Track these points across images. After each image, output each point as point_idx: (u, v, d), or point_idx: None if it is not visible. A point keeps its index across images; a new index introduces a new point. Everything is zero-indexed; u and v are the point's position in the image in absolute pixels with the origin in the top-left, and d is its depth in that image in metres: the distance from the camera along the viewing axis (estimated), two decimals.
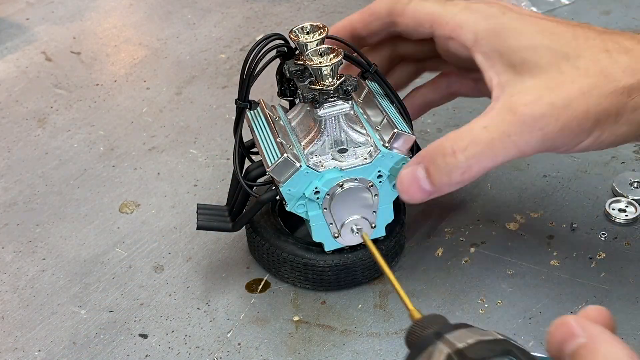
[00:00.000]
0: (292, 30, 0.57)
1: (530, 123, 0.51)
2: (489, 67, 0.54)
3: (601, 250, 0.62)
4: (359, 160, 0.55)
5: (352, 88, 0.55)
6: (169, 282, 0.62)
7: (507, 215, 0.66)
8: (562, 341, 0.36)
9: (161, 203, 0.70)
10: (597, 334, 0.35)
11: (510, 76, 0.53)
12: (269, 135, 0.57)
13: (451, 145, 0.52)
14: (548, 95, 0.51)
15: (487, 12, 0.55)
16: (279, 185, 0.55)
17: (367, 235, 0.56)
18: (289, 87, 0.61)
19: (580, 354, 0.35)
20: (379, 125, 0.57)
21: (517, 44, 0.53)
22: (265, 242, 0.60)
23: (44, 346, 0.58)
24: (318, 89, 0.54)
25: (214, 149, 0.77)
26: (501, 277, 0.61)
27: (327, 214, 0.56)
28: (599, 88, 0.51)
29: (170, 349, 0.57)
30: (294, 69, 0.58)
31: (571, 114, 0.51)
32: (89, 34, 0.97)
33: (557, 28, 0.54)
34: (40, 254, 0.66)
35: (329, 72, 0.54)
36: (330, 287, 0.60)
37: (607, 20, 0.92)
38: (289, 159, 0.54)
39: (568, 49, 0.52)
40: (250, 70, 0.56)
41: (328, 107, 0.55)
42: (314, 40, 0.56)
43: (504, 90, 0.53)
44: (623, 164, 0.71)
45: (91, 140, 0.79)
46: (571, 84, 0.51)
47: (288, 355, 0.56)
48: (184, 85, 0.87)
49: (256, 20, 0.98)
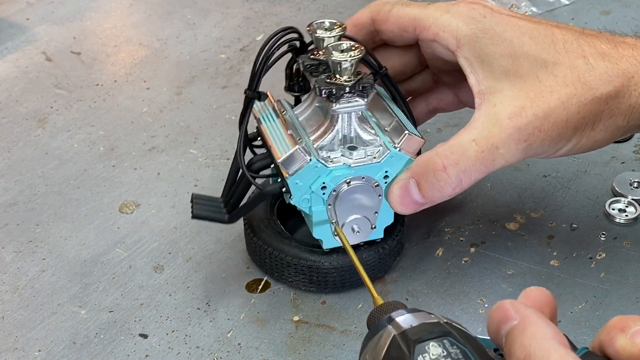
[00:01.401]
0: (311, 24, 0.57)
1: (516, 135, 0.53)
2: (471, 73, 0.56)
3: (601, 250, 0.62)
4: (367, 158, 0.55)
5: (369, 86, 0.55)
6: (169, 282, 0.62)
7: (507, 215, 0.66)
8: (499, 323, 0.38)
9: (161, 203, 0.70)
10: (528, 315, 0.38)
11: (490, 83, 0.55)
12: (278, 127, 0.57)
13: (442, 160, 0.54)
14: (530, 106, 0.53)
15: (468, 16, 0.56)
16: (287, 177, 0.55)
17: (340, 229, 0.56)
18: (297, 83, 0.61)
19: (513, 333, 0.37)
20: (388, 127, 0.57)
21: (497, 52, 0.55)
22: (268, 246, 0.60)
23: (44, 346, 0.58)
24: (336, 84, 0.54)
25: (214, 149, 0.77)
26: (501, 277, 0.61)
27: (331, 210, 0.56)
28: (577, 97, 0.53)
29: (170, 349, 0.57)
30: (309, 63, 0.58)
31: (552, 124, 0.53)
32: (89, 34, 0.97)
33: (536, 31, 0.55)
34: (40, 254, 0.66)
35: (349, 68, 0.54)
36: (334, 289, 0.60)
37: (607, 20, 0.92)
38: (300, 151, 0.54)
39: (546, 56, 0.54)
40: (264, 60, 0.56)
41: (344, 103, 0.55)
42: (332, 37, 0.56)
43: (484, 98, 0.55)
44: (623, 164, 0.71)
45: (91, 140, 0.79)
46: (550, 94, 0.53)
47: (288, 355, 0.56)
48: (184, 85, 0.87)
49: (256, 20, 0.98)
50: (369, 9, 0.61)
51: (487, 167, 0.54)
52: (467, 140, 0.54)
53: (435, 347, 0.37)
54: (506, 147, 0.53)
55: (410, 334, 0.38)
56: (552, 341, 0.36)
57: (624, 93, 0.53)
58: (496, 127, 0.53)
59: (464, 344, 0.38)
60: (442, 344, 0.38)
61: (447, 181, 0.54)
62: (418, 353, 0.37)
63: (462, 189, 0.55)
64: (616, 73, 0.53)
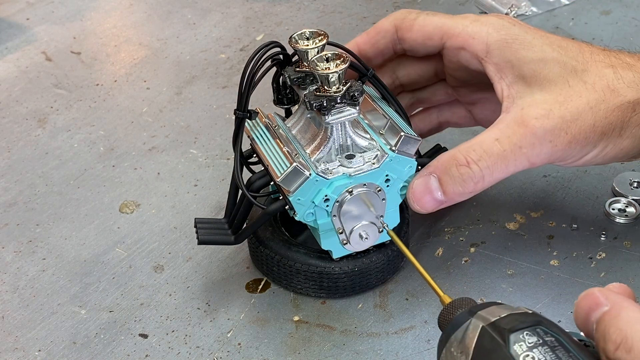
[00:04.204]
0: (292, 37, 0.56)
1: (542, 136, 0.53)
2: (500, 79, 0.56)
3: (601, 250, 0.62)
4: (366, 165, 0.55)
5: (358, 93, 0.54)
6: (169, 282, 0.62)
7: (507, 215, 0.66)
8: (589, 310, 0.38)
9: (161, 203, 0.70)
10: (619, 301, 0.38)
11: (520, 87, 0.55)
12: (273, 144, 0.57)
13: (464, 156, 0.54)
14: (558, 109, 0.53)
15: (498, 24, 0.57)
16: (289, 195, 0.54)
17: (394, 234, 0.56)
18: (286, 95, 0.61)
19: (604, 319, 0.37)
20: (383, 129, 0.57)
21: (528, 56, 0.55)
22: (275, 255, 0.59)
23: (44, 346, 0.58)
24: (325, 96, 0.54)
25: (214, 149, 0.77)
26: (501, 277, 0.61)
27: (336, 221, 0.56)
28: (606, 102, 0.54)
29: (170, 349, 0.57)
30: (295, 76, 0.57)
31: (579, 127, 0.54)
32: (89, 34, 0.97)
33: (564, 42, 0.56)
34: (40, 254, 0.66)
35: (336, 79, 0.53)
36: (345, 293, 0.59)
37: (607, 20, 0.92)
38: (298, 168, 0.53)
39: (575, 63, 0.55)
40: (250, 79, 0.56)
41: (336, 114, 0.54)
42: (315, 47, 0.56)
43: (514, 102, 0.55)
44: (623, 164, 0.71)
45: (91, 140, 0.79)
46: (579, 98, 0.54)
47: (288, 355, 0.56)
48: (184, 85, 0.87)
49: (256, 20, 0.98)
50: (393, 17, 0.61)
51: (509, 167, 0.54)
52: (490, 139, 0.54)
53: (530, 335, 0.38)
54: (530, 147, 0.53)
55: (502, 324, 0.38)
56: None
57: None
58: (521, 128, 0.53)
59: (557, 332, 0.38)
60: (536, 332, 0.38)
61: (470, 175, 0.54)
62: (514, 342, 0.37)
63: (483, 187, 0.54)
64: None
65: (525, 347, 0.37)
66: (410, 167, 0.56)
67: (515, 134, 0.53)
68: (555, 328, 0.39)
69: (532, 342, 0.37)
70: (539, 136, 0.53)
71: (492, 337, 0.38)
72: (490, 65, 0.56)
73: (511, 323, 0.38)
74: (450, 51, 0.59)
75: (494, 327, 0.39)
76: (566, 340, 0.38)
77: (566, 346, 0.37)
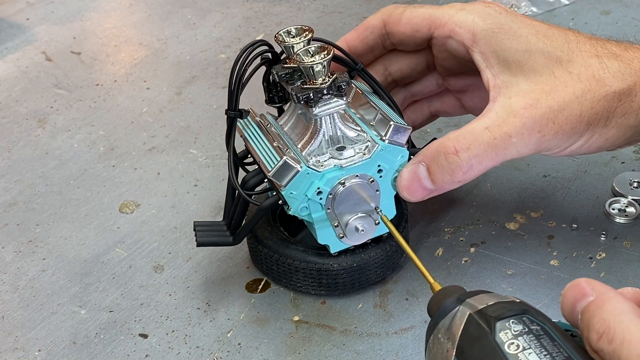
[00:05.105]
0: (278, 34, 0.57)
1: (530, 125, 0.53)
2: (486, 67, 0.56)
3: (601, 250, 0.62)
4: (357, 156, 0.55)
5: (345, 84, 0.55)
6: (169, 282, 0.62)
7: (507, 215, 0.66)
8: (575, 300, 0.39)
9: (161, 203, 0.70)
10: (604, 292, 0.38)
11: (506, 77, 0.55)
12: (264, 141, 0.57)
13: (453, 144, 0.54)
14: (545, 99, 0.54)
15: (484, 12, 0.57)
16: (281, 189, 0.55)
17: (386, 217, 0.56)
18: (277, 94, 0.61)
19: (589, 309, 0.38)
20: (373, 120, 0.57)
21: (513, 46, 0.55)
22: (274, 253, 0.59)
23: (44, 346, 0.58)
24: (311, 88, 0.54)
25: (214, 149, 0.77)
26: (501, 277, 0.61)
27: (331, 214, 0.56)
28: (592, 92, 0.54)
29: (170, 349, 0.57)
30: (283, 72, 0.57)
31: (566, 117, 0.54)
32: (89, 34, 0.97)
33: (550, 31, 0.56)
34: (40, 254, 0.66)
35: (321, 70, 0.54)
36: (344, 290, 0.59)
37: (607, 20, 0.92)
38: (288, 161, 0.54)
39: (560, 53, 0.55)
40: (239, 78, 0.56)
41: (323, 106, 0.55)
42: (300, 42, 0.56)
43: (500, 91, 0.55)
44: (623, 164, 0.71)
45: (91, 140, 0.79)
46: (565, 88, 0.54)
47: (288, 355, 0.56)
48: (184, 85, 0.87)
49: (256, 20, 0.98)
50: (381, 13, 0.61)
51: (498, 155, 0.54)
52: (480, 127, 0.54)
53: (516, 323, 0.38)
54: (519, 137, 0.53)
55: (488, 312, 0.39)
56: (631, 314, 0.36)
57: (637, 91, 0.54)
58: (510, 117, 0.53)
59: (543, 321, 0.38)
60: (522, 320, 0.38)
61: (459, 164, 0.54)
62: (500, 329, 0.38)
63: (472, 176, 0.54)
64: (629, 72, 0.54)
65: (511, 335, 0.38)
66: (402, 156, 0.56)
67: (505, 123, 0.53)
68: (542, 317, 0.39)
69: (517, 330, 0.38)
70: (527, 127, 0.53)
71: (479, 325, 0.38)
72: (477, 54, 0.56)
73: (498, 311, 0.39)
74: (438, 40, 0.59)
75: (481, 314, 0.39)
76: (552, 329, 0.38)
77: (551, 335, 0.38)
